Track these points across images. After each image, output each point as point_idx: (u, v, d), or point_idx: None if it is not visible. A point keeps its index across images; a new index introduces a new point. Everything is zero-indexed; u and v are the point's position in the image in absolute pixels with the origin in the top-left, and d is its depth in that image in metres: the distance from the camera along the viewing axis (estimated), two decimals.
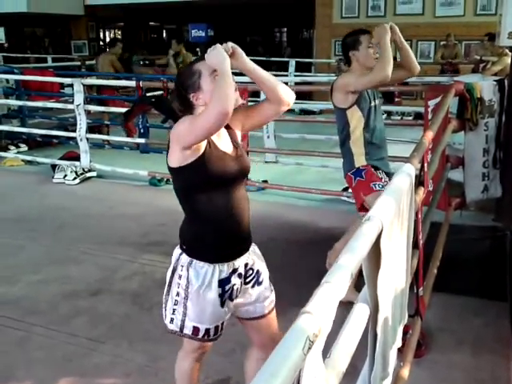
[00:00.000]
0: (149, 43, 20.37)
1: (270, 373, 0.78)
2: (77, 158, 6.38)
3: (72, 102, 6.41)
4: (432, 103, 4.19)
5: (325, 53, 11.97)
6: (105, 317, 3.34)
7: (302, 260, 4.08)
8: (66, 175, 6.16)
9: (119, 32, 21.07)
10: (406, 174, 1.86)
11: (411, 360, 2.44)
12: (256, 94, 5.86)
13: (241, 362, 2.87)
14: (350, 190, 5.27)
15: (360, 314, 1.44)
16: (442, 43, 10.50)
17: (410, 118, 9.32)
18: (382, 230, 1.44)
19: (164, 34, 23.44)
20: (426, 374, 2.72)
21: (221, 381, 2.78)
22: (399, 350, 1.99)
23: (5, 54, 13.58)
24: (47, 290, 3.69)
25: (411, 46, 12.08)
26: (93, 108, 6.76)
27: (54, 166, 6.44)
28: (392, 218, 1.55)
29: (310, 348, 0.89)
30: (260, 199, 5.54)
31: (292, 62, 11.15)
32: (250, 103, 5.44)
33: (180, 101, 2.00)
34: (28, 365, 2.86)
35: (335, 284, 1.05)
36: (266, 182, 5.74)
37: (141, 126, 6.44)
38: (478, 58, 8.40)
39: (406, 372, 2.29)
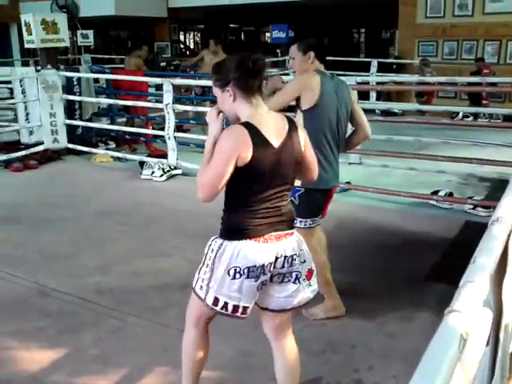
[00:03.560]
0: (228, 45, 20.67)
1: (430, 372, 0.75)
2: (163, 156, 6.59)
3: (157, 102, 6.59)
4: None
5: (408, 53, 11.69)
6: None
7: (391, 263, 3.99)
8: (153, 172, 6.35)
9: (198, 34, 21.54)
10: None
11: None
12: None
13: (332, 362, 2.85)
14: (439, 194, 5.12)
15: (484, 318, 1.38)
16: None
17: (499, 120, 8.91)
18: (510, 231, 1.38)
19: (242, 36, 23.70)
20: None
21: (311, 381, 2.75)
22: None
23: (92, 55, 14.19)
24: (139, 281, 3.81)
25: (500, 47, 11.63)
26: (181, 107, 6.91)
27: (141, 163, 6.67)
28: None
29: (463, 346, 0.85)
30: (343, 200, 5.46)
31: (374, 63, 10.96)
32: None
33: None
34: (124, 352, 2.95)
35: (478, 283, 1.01)
36: (348, 183, 5.66)
37: (225, 127, 6.52)
38: None
39: None
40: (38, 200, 5.69)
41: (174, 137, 6.42)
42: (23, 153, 7.20)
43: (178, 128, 6.87)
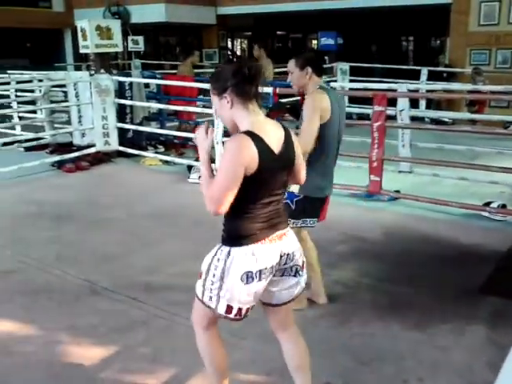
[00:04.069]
0: (275, 52, 20.72)
1: None
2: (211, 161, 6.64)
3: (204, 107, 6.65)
4: None
5: (459, 62, 11.46)
6: None
7: (443, 275, 3.91)
8: (200, 176, 6.40)
9: (245, 41, 21.69)
10: None
11: None
12: (393, 101, 5.71)
13: (380, 372, 2.80)
14: (492, 205, 4.98)
15: None
16: None
17: None
18: None
19: (288, 43, 23.73)
20: None
21: None
22: None
23: (142, 61, 14.48)
24: (186, 282, 3.80)
25: None
26: None
27: (189, 167, 6.75)
28: None
29: None
30: (392, 209, 5.41)
31: (424, 71, 10.78)
32: (388, 110, 5.34)
33: None
34: (173, 352, 2.99)
35: None
36: (398, 192, 5.58)
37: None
38: None
39: None
40: (89, 200, 5.85)
41: (222, 142, 6.48)
42: (75, 154, 7.42)
43: (226, 133, 6.92)
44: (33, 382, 2.75)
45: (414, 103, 8.87)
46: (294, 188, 3.16)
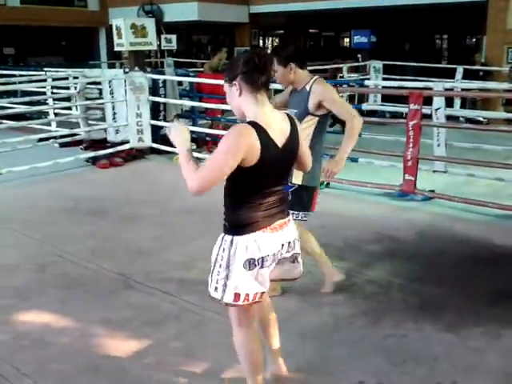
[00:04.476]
0: (307, 50, 20.65)
1: None
2: None
3: None
4: None
5: (496, 60, 11.22)
6: (276, 310, 3.41)
7: (478, 278, 3.85)
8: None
9: (276, 39, 21.67)
10: None
11: None
12: (429, 100, 5.63)
13: (414, 373, 2.78)
14: None
15: None
16: None
17: None
18: None
19: (320, 42, 23.62)
20: None
21: None
22: None
23: (175, 59, 14.61)
24: None
25: None
26: None
27: None
28: None
29: None
30: (425, 209, 5.35)
31: (459, 69, 10.60)
32: (423, 109, 5.27)
33: None
34: (205, 347, 3.01)
35: None
36: (432, 191, 5.50)
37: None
38: None
39: None
40: (124, 196, 5.94)
41: None
42: (109, 150, 7.53)
43: None
44: (69, 373, 2.80)
45: (449, 102, 8.73)
46: (294, 178, 3.27)
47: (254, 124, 2.07)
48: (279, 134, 2.13)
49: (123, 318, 3.33)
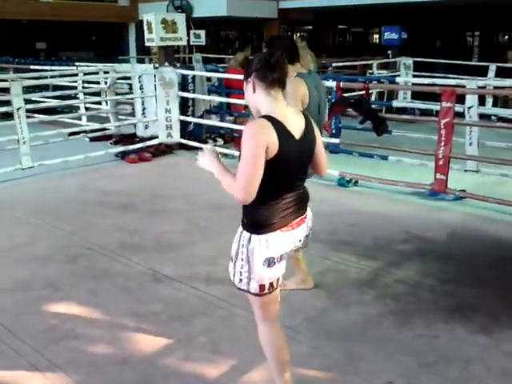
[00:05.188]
0: (336, 46, 20.52)
1: None
2: None
3: None
4: None
5: None
6: (301, 308, 3.40)
7: (509, 278, 3.77)
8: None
9: (305, 35, 21.58)
10: None
11: None
12: (460, 98, 5.52)
13: (445, 375, 2.73)
14: None
15: None
16: None
17: None
18: None
19: (349, 38, 23.44)
20: None
21: None
22: None
23: (203, 55, 14.67)
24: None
25: None
26: None
27: None
28: None
29: None
30: (456, 209, 5.26)
31: (492, 67, 10.39)
32: (456, 107, 5.18)
33: None
34: (232, 343, 3.02)
35: None
36: (463, 191, 5.40)
37: (333, 127, 6.49)
38: None
39: None
40: (152, 190, 5.98)
41: None
42: (139, 145, 7.59)
43: None
44: (99, 364, 2.84)
45: (480, 101, 8.57)
46: None
47: (268, 117, 2.14)
48: (295, 126, 2.20)
49: (151, 311, 3.36)
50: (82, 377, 2.74)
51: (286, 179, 2.22)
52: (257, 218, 2.21)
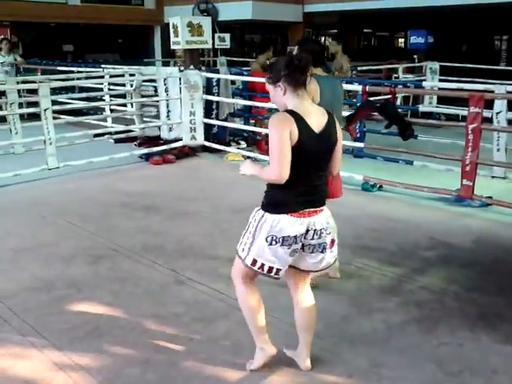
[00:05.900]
0: (361, 50, 20.40)
1: None
2: None
3: None
4: None
5: None
6: (323, 314, 3.35)
7: None
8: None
9: (330, 39, 21.49)
10: None
11: None
12: (488, 103, 5.42)
13: (469, 382, 2.68)
14: None
15: None
16: None
17: None
18: None
19: (374, 41, 23.29)
20: None
21: None
22: None
23: (228, 58, 14.71)
24: (264, 278, 3.85)
25: None
26: None
27: None
28: None
29: None
30: (482, 216, 5.18)
31: None
32: (484, 112, 5.09)
33: None
34: (253, 347, 2.95)
35: None
36: (490, 198, 5.31)
37: (358, 131, 6.44)
38: None
39: None
40: (175, 192, 6.01)
41: None
42: (163, 147, 7.64)
43: None
44: (121, 364, 2.85)
45: (509, 106, 8.43)
46: None
47: (290, 111, 2.39)
48: (316, 121, 2.42)
49: (173, 313, 3.37)
50: (105, 377, 2.75)
51: (304, 169, 2.41)
52: (272, 200, 2.47)
